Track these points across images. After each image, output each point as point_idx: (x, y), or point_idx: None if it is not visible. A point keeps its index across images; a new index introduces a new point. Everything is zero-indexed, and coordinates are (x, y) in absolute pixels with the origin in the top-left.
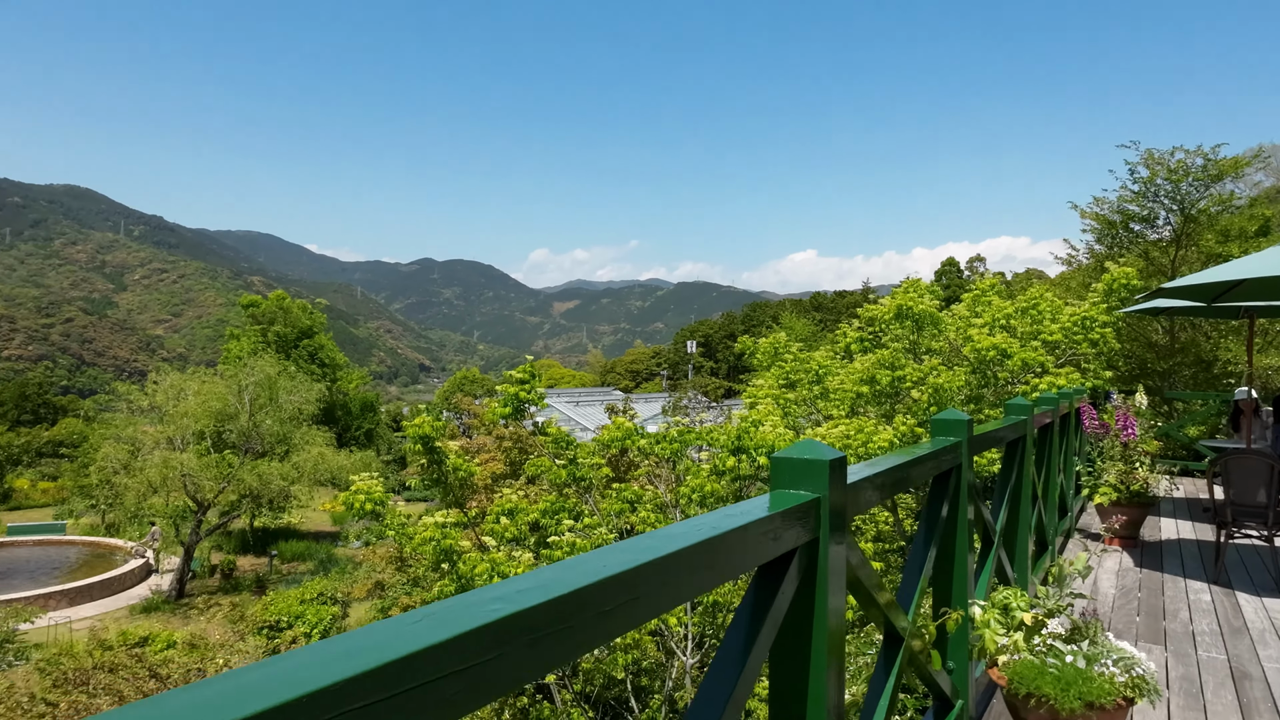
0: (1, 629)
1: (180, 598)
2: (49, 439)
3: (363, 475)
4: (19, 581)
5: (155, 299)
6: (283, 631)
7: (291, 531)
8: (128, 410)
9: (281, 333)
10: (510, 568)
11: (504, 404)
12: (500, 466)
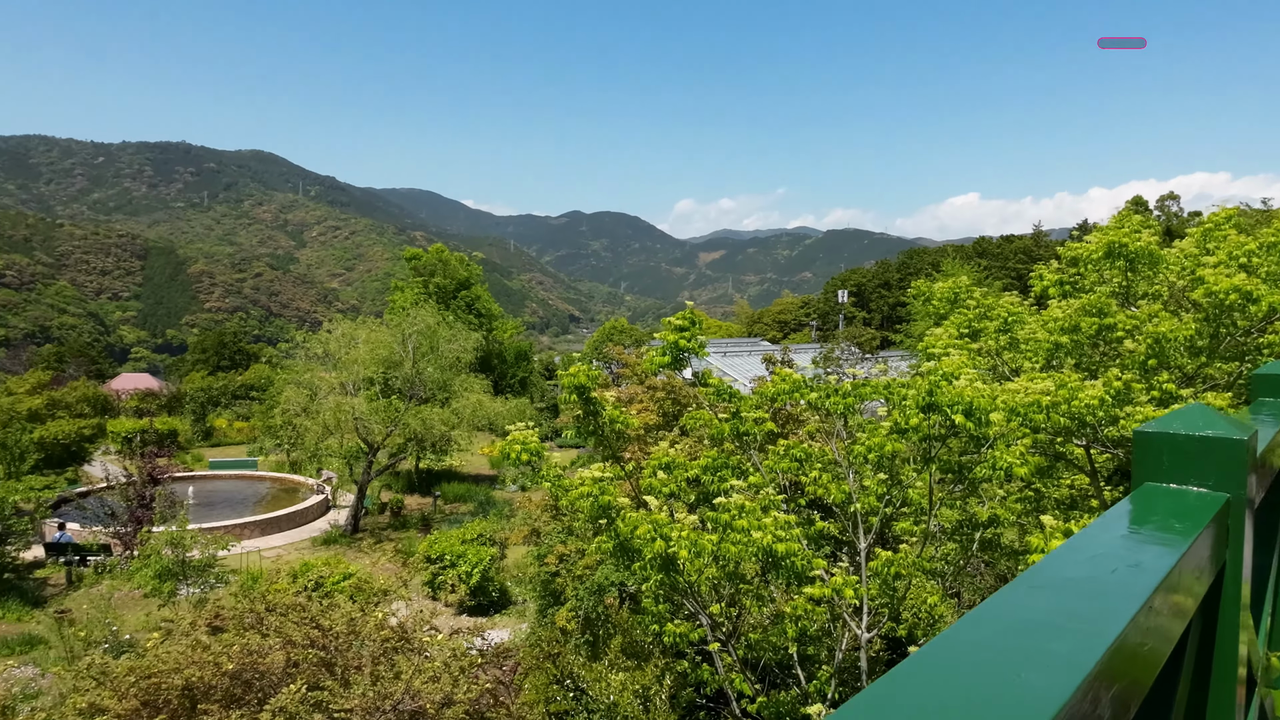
0: (205, 555)
1: (355, 533)
2: (242, 383)
3: (518, 425)
4: (219, 511)
5: (330, 254)
6: (446, 569)
7: (453, 474)
8: (305, 357)
9: (441, 284)
10: (673, 530)
11: (662, 352)
12: (653, 417)
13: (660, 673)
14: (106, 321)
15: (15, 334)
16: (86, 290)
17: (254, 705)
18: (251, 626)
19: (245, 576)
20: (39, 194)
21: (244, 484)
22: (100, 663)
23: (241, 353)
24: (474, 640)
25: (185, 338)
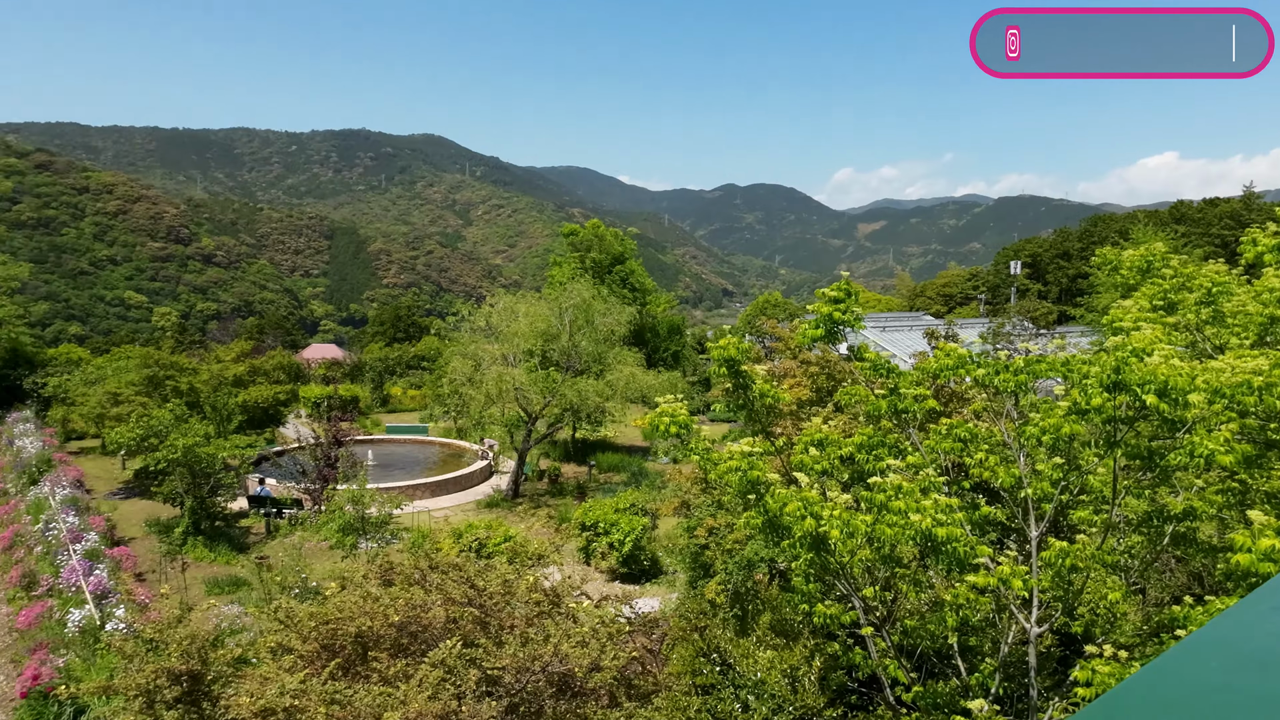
0: (381, 512)
1: (515, 497)
2: (415, 354)
3: (668, 397)
4: (395, 473)
5: (494, 231)
6: (599, 537)
7: (607, 444)
8: (469, 330)
9: (597, 259)
10: (824, 509)
11: (815, 325)
12: (806, 393)
13: (810, 653)
14: (299, 296)
15: (225, 308)
16: (283, 268)
17: (417, 656)
18: (416, 582)
19: (415, 534)
20: (243, 181)
21: (416, 448)
22: (286, 607)
23: (414, 325)
24: (623, 608)
25: (366, 311)
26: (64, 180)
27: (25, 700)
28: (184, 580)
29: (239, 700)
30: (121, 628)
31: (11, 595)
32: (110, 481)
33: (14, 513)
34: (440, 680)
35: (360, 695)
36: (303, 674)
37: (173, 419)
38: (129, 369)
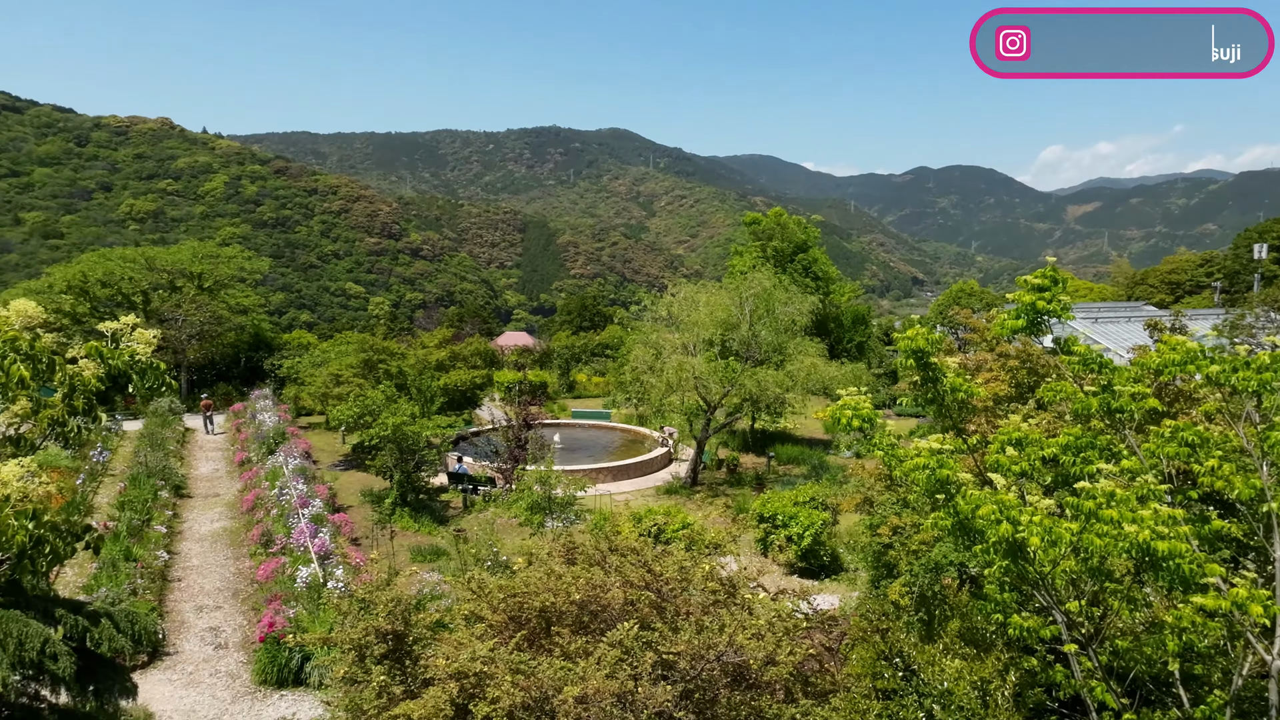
0: (567, 494)
1: (693, 485)
2: (599, 342)
3: (850, 390)
4: (579, 457)
5: (677, 222)
6: (777, 529)
7: (787, 435)
8: (651, 319)
9: (778, 248)
10: (1023, 513)
11: (1015, 315)
12: (1004, 388)
13: (1003, 667)
14: (495, 287)
15: (430, 298)
16: (480, 260)
17: (596, 634)
18: (597, 563)
19: (597, 516)
20: (446, 179)
21: (599, 433)
22: (479, 578)
23: (599, 314)
24: (800, 603)
25: (554, 301)
26: (297, 183)
27: (263, 644)
28: (392, 547)
29: (436, 661)
30: (339, 587)
31: (253, 551)
32: (332, 454)
33: (256, 478)
34: (618, 660)
35: (543, 667)
36: (492, 642)
37: (384, 399)
38: (348, 353)
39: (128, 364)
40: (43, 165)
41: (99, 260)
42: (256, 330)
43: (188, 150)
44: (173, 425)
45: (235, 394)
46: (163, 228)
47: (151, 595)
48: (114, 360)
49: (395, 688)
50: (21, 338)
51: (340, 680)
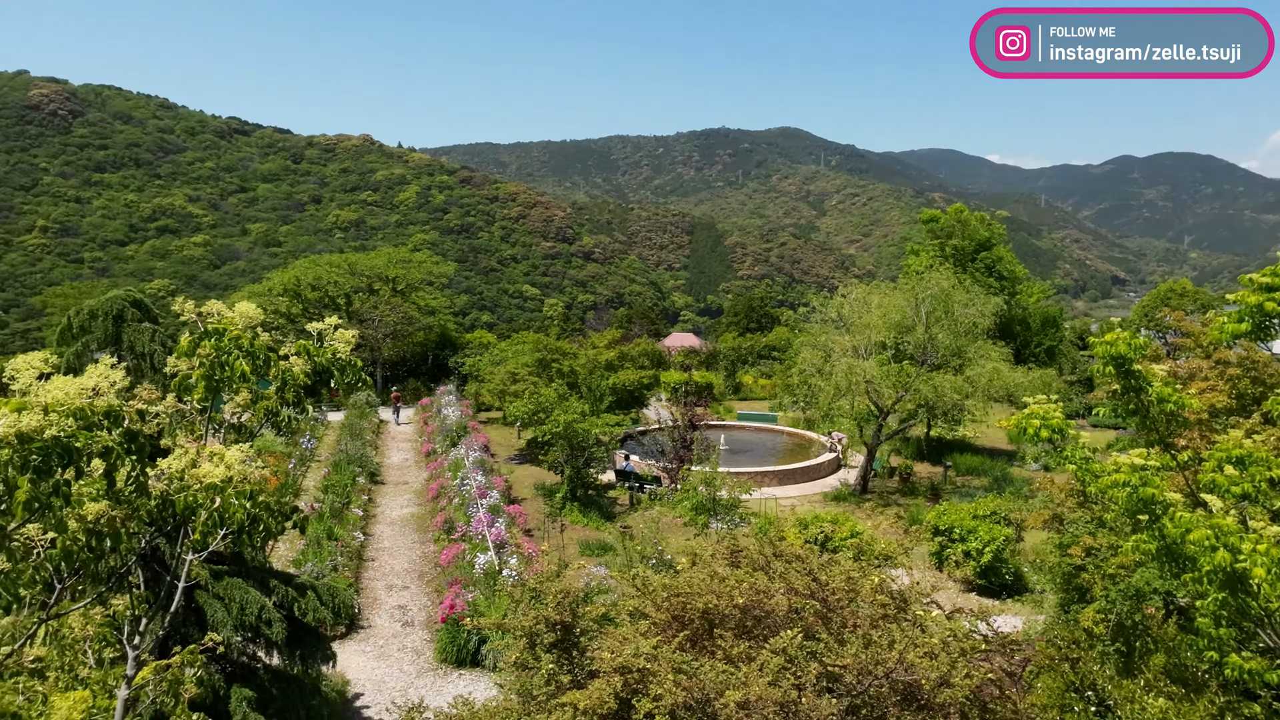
0: (731, 496)
1: (863, 493)
2: (765, 344)
3: (1039, 397)
4: (744, 459)
5: (848, 221)
6: (954, 543)
7: (965, 445)
8: (819, 321)
9: (959, 246)
10: (1244, 541)
11: (1238, 317)
12: (1222, 399)
13: (1219, 711)
14: (663, 288)
15: (600, 299)
16: (649, 262)
17: (759, 640)
18: (761, 568)
19: (762, 520)
20: (617, 184)
21: (765, 436)
22: (643, 576)
23: (766, 316)
24: (978, 623)
25: (721, 302)
26: (480, 192)
27: (444, 624)
28: (562, 540)
29: (601, 654)
30: (513, 575)
31: (436, 536)
32: (509, 448)
33: (440, 469)
34: (781, 668)
35: (705, 669)
36: (655, 640)
37: (556, 397)
38: (524, 352)
39: (330, 361)
40: (265, 181)
41: (309, 266)
42: (443, 330)
43: (385, 164)
44: (369, 417)
45: (423, 389)
46: (362, 235)
47: (349, 572)
48: (319, 357)
49: (563, 676)
50: (244, 336)
51: (512, 665)
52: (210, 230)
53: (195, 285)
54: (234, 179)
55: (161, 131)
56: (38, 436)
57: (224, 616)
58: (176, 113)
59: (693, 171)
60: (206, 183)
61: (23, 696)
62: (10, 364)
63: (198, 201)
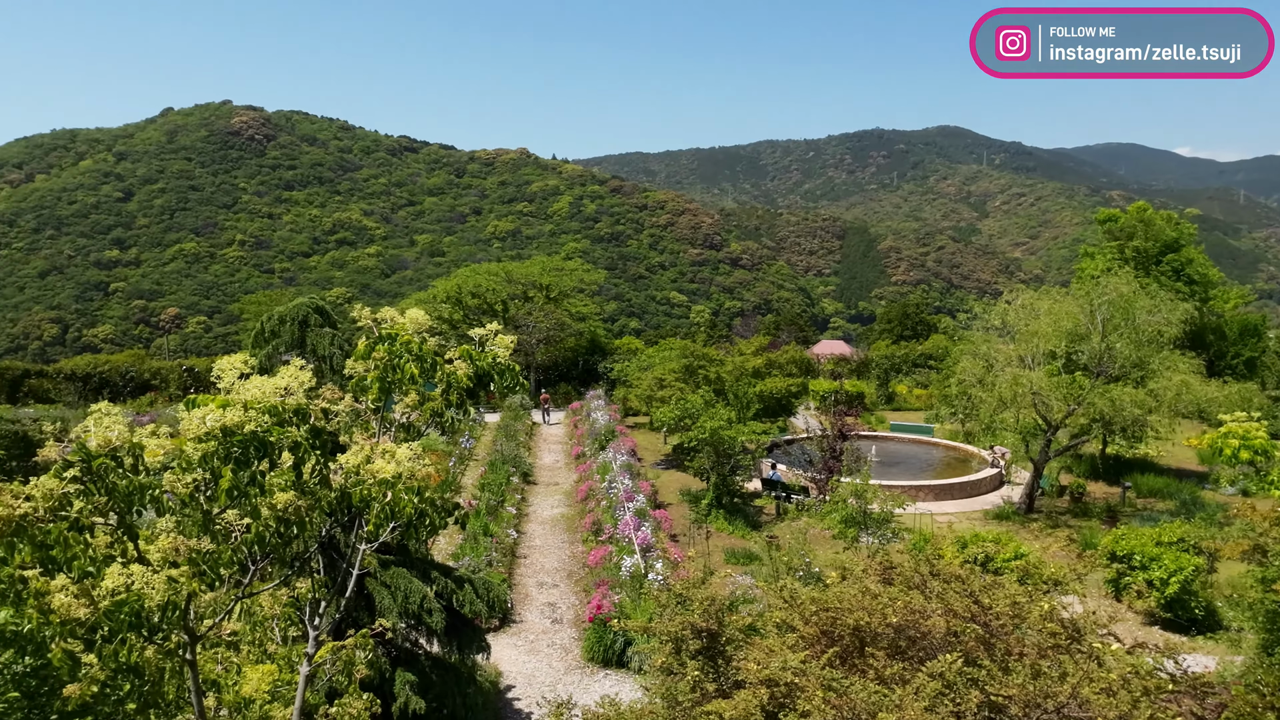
0: (883, 509)
1: (1029, 512)
2: (921, 352)
3: (1237, 415)
4: (896, 472)
5: (1013, 223)
6: (1135, 571)
7: (1147, 464)
8: (981, 328)
9: (1141, 248)
10: None
11: None
12: None
13: None
14: (811, 295)
15: (747, 306)
16: (797, 268)
17: (914, 662)
18: (916, 586)
19: (916, 536)
20: (765, 190)
21: (919, 448)
22: (791, 587)
23: (922, 323)
24: (1164, 661)
25: (873, 309)
26: (629, 200)
27: (591, 624)
28: (707, 546)
29: (747, 665)
30: (658, 579)
31: (585, 537)
32: (655, 453)
33: (589, 471)
34: (938, 693)
35: (856, 688)
36: (803, 654)
37: (703, 404)
38: (671, 359)
39: (491, 365)
40: (430, 195)
41: (470, 274)
42: (592, 336)
43: (540, 175)
44: (523, 419)
45: (573, 394)
46: (518, 245)
47: (503, 568)
48: (480, 362)
49: (708, 684)
50: (414, 341)
51: (658, 669)
52: (382, 241)
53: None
54: (403, 193)
55: (341, 151)
56: (238, 431)
57: (390, 603)
58: (354, 133)
59: (844, 175)
60: (379, 197)
61: (220, 666)
62: (217, 365)
63: (371, 215)
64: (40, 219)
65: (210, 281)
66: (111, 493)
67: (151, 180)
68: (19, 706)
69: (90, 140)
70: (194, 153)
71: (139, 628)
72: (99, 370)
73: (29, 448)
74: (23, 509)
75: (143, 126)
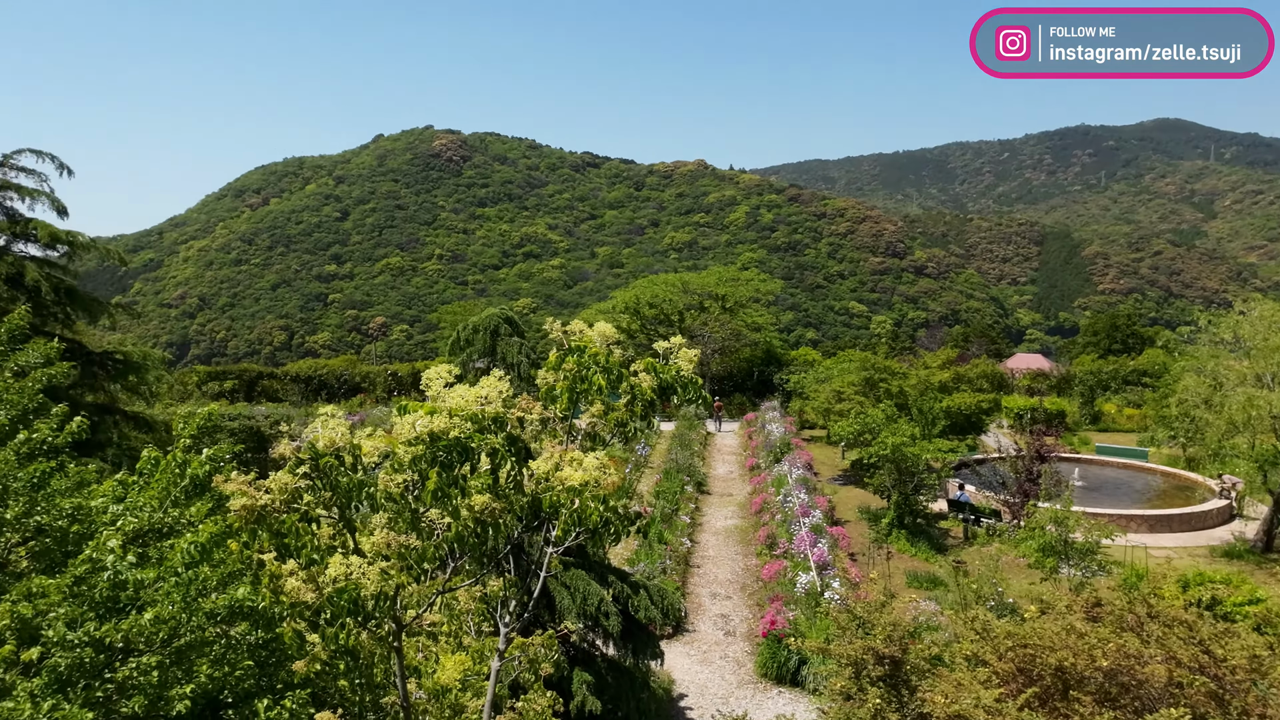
0: (1088, 539)
1: (1266, 550)
2: (1133, 368)
3: None
4: (1103, 498)
5: (1247, 224)
6: None
7: None
8: (1208, 342)
9: None
10: None
11: None
12: None
13: None
14: (1005, 305)
15: (933, 316)
16: (989, 277)
17: (1128, 712)
18: (1130, 628)
19: (1128, 571)
20: (954, 194)
21: (1130, 474)
22: (983, 619)
23: (1134, 336)
24: None
25: (1076, 320)
26: (807, 209)
27: (765, 639)
28: (888, 568)
29: (934, 697)
30: (835, 598)
31: (759, 551)
32: (831, 468)
33: (763, 484)
34: None
35: None
36: (997, 692)
37: (884, 418)
38: (850, 371)
39: (674, 378)
40: (611, 209)
41: (647, 285)
42: (768, 346)
43: (717, 186)
44: (697, 428)
45: (748, 404)
46: (694, 255)
47: (676, 576)
48: (664, 374)
49: (890, 714)
50: (601, 353)
51: (836, 693)
52: (565, 254)
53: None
54: (585, 207)
55: (529, 169)
56: (444, 436)
57: (569, 604)
58: (541, 151)
59: (1043, 176)
60: (563, 212)
61: (420, 654)
62: (425, 374)
63: (556, 229)
64: (273, 237)
65: (412, 293)
66: (334, 488)
67: (364, 201)
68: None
69: (315, 166)
70: (400, 174)
71: (356, 614)
72: (318, 374)
73: (261, 441)
74: (263, 500)
75: (357, 152)
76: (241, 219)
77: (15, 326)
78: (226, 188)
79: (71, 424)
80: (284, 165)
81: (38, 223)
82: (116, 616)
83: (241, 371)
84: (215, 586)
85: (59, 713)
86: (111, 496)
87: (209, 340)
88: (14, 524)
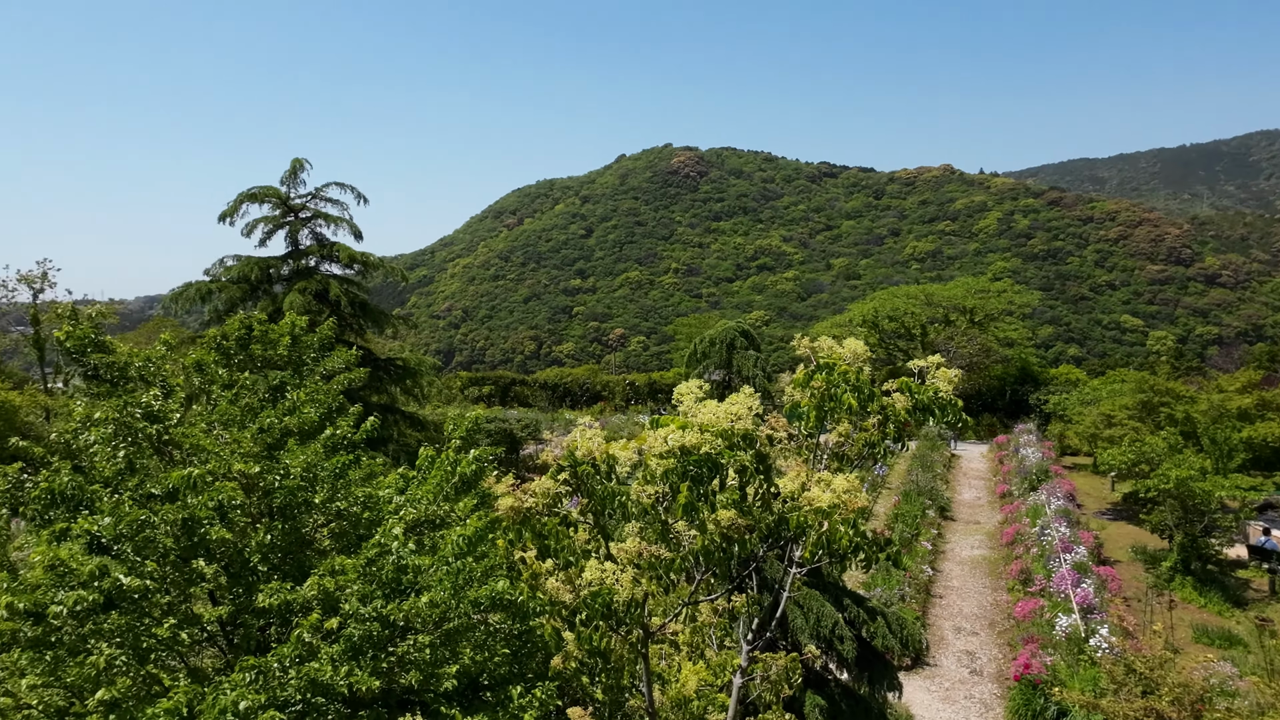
0: None
1: None
2: None
3: None
4: None
5: None
6: None
7: None
8: None
9: None
10: None
11: None
12: None
13: None
14: None
15: (1228, 332)
16: None
17: None
18: None
19: None
20: (1257, 191)
21: None
22: None
23: None
24: None
25: None
26: (1070, 213)
27: (1017, 683)
28: (1170, 619)
29: None
30: (1104, 647)
31: (1010, 586)
32: (1098, 500)
33: (1016, 513)
34: None
35: None
36: None
37: (1166, 448)
38: (1123, 392)
39: (931, 399)
40: (848, 219)
41: (886, 297)
42: (1023, 363)
43: (964, 191)
44: (940, 449)
45: (999, 425)
46: (939, 265)
47: (916, 605)
48: (920, 395)
49: None
50: (850, 371)
51: None
52: (799, 266)
53: (784, 315)
54: (821, 218)
55: (764, 181)
56: (694, 451)
57: (803, 624)
58: (776, 163)
59: None
60: (798, 223)
61: (663, 662)
62: (678, 388)
63: (790, 241)
64: (526, 254)
65: (649, 305)
66: (590, 495)
67: (606, 218)
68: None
69: (563, 188)
70: (640, 192)
71: (608, 617)
72: (563, 381)
73: (514, 443)
74: (529, 503)
75: (601, 172)
76: (499, 238)
77: (324, 336)
78: (487, 210)
79: (366, 423)
80: (536, 187)
81: (340, 246)
82: (399, 597)
83: (497, 378)
84: (479, 578)
85: (353, 677)
86: (395, 489)
87: (470, 348)
88: (321, 507)
